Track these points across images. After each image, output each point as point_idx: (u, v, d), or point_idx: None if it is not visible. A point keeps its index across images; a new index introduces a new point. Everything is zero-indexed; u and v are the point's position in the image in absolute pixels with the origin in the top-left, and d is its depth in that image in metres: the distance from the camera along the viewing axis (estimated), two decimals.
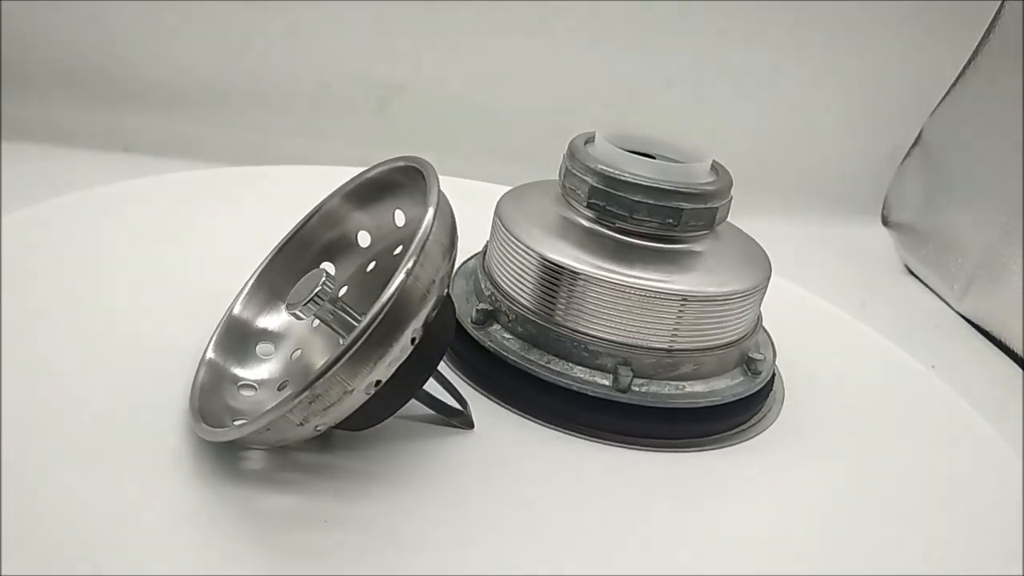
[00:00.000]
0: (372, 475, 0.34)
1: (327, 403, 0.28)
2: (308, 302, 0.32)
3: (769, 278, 0.41)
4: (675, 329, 0.37)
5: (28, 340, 0.36)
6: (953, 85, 0.85)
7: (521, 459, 0.37)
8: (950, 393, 0.49)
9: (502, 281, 0.41)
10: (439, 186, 0.32)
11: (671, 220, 0.38)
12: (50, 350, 0.37)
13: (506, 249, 0.40)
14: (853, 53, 0.92)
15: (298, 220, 0.40)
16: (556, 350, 0.39)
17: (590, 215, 0.40)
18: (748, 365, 0.41)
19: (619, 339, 0.38)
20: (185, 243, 0.48)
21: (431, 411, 0.36)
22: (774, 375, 0.44)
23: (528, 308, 0.39)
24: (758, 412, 0.42)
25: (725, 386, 0.39)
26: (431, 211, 0.30)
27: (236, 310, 0.38)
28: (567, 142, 0.41)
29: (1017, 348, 0.70)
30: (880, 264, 0.89)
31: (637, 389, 0.38)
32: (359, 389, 0.29)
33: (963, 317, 0.77)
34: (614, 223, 0.39)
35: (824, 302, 0.57)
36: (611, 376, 0.38)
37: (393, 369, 0.29)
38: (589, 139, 0.41)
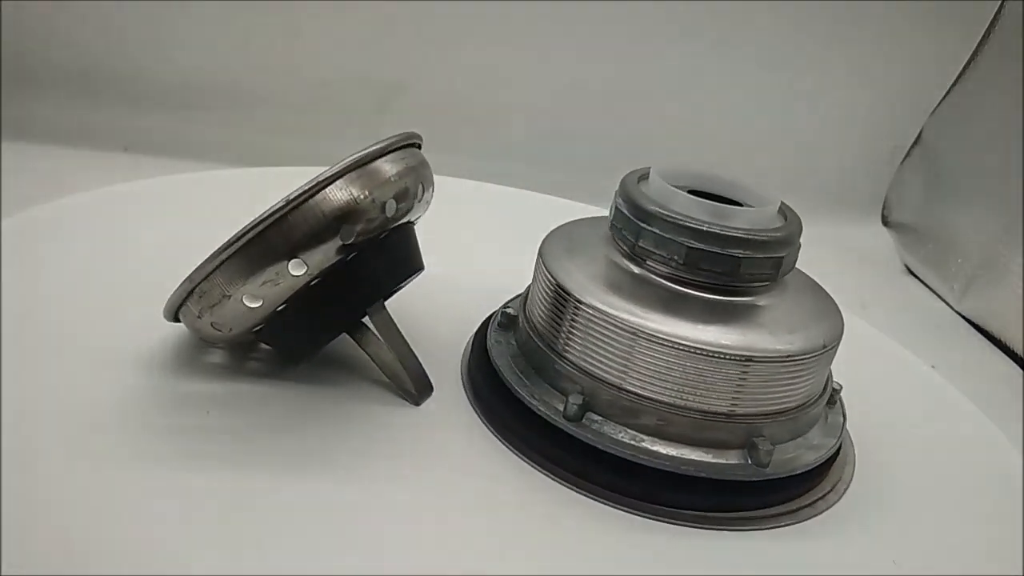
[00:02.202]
0: (282, 401, 0.36)
1: (211, 302, 0.31)
2: None
3: (796, 357, 0.34)
4: (633, 370, 0.34)
5: (27, 340, 0.36)
6: (953, 85, 0.85)
7: (432, 447, 0.35)
8: (954, 392, 0.49)
9: (530, 290, 0.40)
10: (400, 144, 0.33)
11: (676, 258, 0.34)
12: (49, 350, 0.37)
13: (537, 261, 0.40)
14: (853, 53, 0.92)
15: None
16: (534, 363, 0.37)
17: (620, 247, 0.37)
18: (751, 450, 0.34)
19: (582, 365, 0.35)
20: (185, 243, 0.48)
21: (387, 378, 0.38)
22: (816, 478, 0.37)
23: (530, 317, 0.39)
24: (754, 505, 0.35)
25: (699, 460, 0.34)
26: (353, 157, 0.31)
27: None
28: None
29: (1017, 348, 0.70)
30: (880, 264, 0.89)
31: (588, 424, 0.35)
32: (236, 298, 0.31)
33: (963, 317, 0.77)
34: (642, 260, 0.36)
35: None
36: (564, 402, 0.35)
37: (271, 292, 0.31)
38: (644, 174, 0.39)
